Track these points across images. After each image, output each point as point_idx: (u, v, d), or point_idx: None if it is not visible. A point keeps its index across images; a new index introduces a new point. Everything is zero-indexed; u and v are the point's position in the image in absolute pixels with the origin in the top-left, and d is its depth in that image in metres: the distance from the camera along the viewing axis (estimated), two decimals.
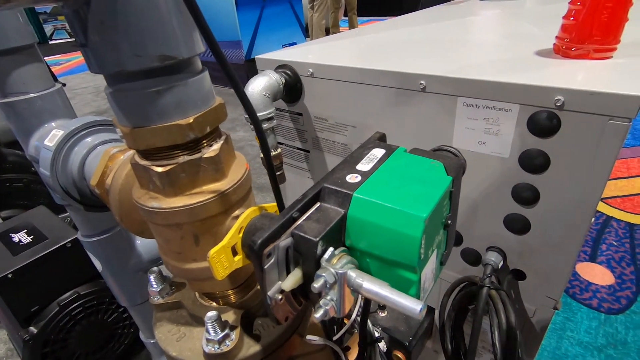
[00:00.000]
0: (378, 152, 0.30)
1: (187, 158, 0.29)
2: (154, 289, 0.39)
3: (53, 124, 0.53)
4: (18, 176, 1.32)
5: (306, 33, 4.02)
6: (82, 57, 0.25)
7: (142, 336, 0.80)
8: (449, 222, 0.28)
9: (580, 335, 1.15)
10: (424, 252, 0.25)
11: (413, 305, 0.22)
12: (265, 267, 0.24)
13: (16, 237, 0.91)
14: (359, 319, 0.50)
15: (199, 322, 0.38)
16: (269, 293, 0.25)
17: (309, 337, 0.37)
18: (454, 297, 0.65)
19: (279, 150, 0.74)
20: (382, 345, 0.82)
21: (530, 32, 0.77)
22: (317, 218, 0.26)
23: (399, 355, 0.76)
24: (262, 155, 0.64)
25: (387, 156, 0.30)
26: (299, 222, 0.26)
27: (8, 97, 0.49)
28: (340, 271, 0.23)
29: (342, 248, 0.26)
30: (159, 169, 0.28)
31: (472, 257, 0.66)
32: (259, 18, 3.55)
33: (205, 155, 0.29)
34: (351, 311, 0.31)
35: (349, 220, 0.26)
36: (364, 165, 0.29)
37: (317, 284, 0.23)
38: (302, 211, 0.26)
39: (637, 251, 1.44)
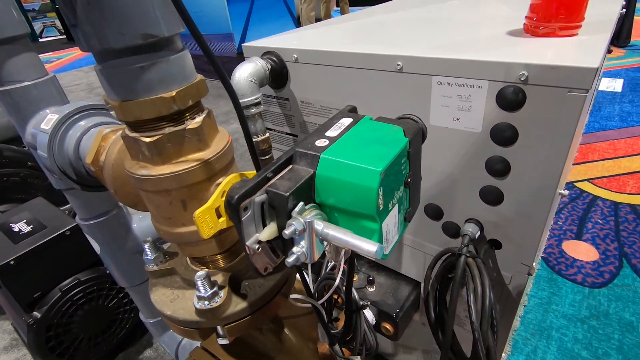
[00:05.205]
0: (346, 121, 0.34)
1: (172, 129, 0.32)
2: (148, 257, 0.42)
3: (47, 110, 0.55)
4: (15, 171, 1.34)
5: (298, 24, 4.02)
6: (73, 52, 0.28)
7: (142, 316, 0.83)
8: (409, 180, 0.31)
9: (565, 308, 1.20)
10: (382, 204, 0.28)
11: (370, 247, 0.25)
12: (243, 219, 0.27)
13: (16, 227, 0.94)
14: (344, 288, 0.54)
15: (191, 285, 0.41)
16: (247, 243, 0.28)
17: (292, 295, 0.40)
18: (437, 269, 0.69)
19: (267, 134, 0.77)
20: (372, 318, 0.86)
21: (506, 14, 0.80)
22: (289, 177, 0.29)
23: (387, 327, 0.80)
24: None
25: (354, 124, 0.33)
26: (272, 181, 0.29)
27: (5, 85, 0.52)
28: (308, 220, 0.27)
29: (312, 204, 0.30)
30: (147, 139, 0.31)
31: (453, 230, 0.69)
32: (249, 10, 3.55)
33: (189, 127, 0.32)
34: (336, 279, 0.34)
35: (318, 178, 0.29)
36: (332, 132, 0.32)
37: (287, 231, 0.26)
38: (276, 172, 0.30)
39: (621, 228, 1.48)
